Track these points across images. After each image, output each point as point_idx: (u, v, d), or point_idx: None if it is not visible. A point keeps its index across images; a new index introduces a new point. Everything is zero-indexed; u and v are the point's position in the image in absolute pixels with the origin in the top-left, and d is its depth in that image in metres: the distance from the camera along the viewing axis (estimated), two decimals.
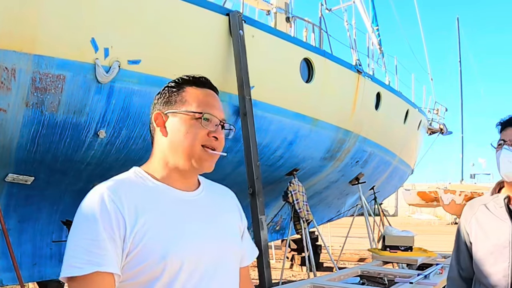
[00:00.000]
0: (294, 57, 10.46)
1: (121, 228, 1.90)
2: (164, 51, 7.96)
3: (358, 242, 20.27)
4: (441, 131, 22.75)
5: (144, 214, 1.96)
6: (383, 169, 16.72)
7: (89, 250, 1.85)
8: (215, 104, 2.22)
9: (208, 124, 2.14)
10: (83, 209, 1.97)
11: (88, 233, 1.88)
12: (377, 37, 17.68)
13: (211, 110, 2.17)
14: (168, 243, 1.95)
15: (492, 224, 3.33)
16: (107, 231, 1.87)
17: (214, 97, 2.26)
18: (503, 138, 3.27)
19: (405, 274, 7.62)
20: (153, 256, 1.92)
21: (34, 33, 6.71)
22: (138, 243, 1.91)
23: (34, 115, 7.03)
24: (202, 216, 2.15)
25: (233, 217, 2.37)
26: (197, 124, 2.13)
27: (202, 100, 2.19)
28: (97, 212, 1.90)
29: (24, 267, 8.64)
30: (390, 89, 15.02)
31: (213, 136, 2.14)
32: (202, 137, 2.12)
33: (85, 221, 1.92)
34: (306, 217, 11.98)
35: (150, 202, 2.03)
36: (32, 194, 8.28)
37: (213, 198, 2.30)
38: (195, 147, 2.11)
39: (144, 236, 1.92)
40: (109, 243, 1.87)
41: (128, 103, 7.69)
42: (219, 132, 2.17)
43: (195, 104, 2.16)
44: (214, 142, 2.15)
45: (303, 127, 10.88)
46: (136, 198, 2.00)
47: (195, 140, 2.11)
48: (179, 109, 2.17)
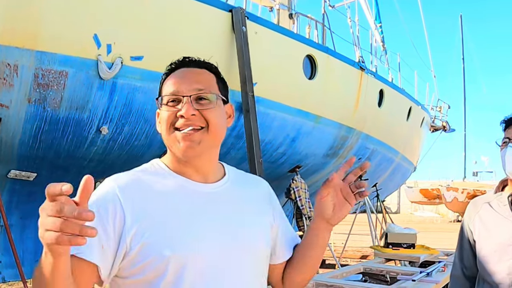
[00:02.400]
0: (297, 54, 10.45)
1: (119, 222, 1.77)
2: (166, 47, 7.95)
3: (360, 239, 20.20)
4: (444, 128, 22.73)
5: (152, 209, 1.84)
6: (386, 166, 16.71)
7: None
8: (182, 80, 1.99)
9: (175, 104, 1.95)
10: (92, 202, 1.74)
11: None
12: (380, 34, 17.67)
13: (176, 88, 1.96)
14: (173, 240, 1.80)
15: (495, 222, 3.31)
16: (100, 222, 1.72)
17: (183, 73, 2.05)
18: (508, 136, 3.24)
19: (408, 271, 7.60)
20: (156, 253, 1.77)
21: (37, 29, 6.70)
22: (141, 240, 1.77)
23: (36, 111, 7.03)
24: (218, 211, 1.96)
25: (260, 210, 2.14)
26: (165, 110, 1.95)
27: (170, 83, 2.00)
28: (96, 201, 1.78)
29: (26, 264, 8.63)
30: (393, 86, 15.01)
31: (180, 116, 1.92)
32: (171, 120, 1.94)
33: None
34: (308, 214, 11.97)
35: (160, 196, 1.90)
36: (35, 190, 8.27)
37: (239, 190, 2.12)
38: (169, 132, 1.95)
39: (149, 232, 1.79)
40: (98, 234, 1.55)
41: (131, 99, 7.68)
42: (184, 108, 1.91)
43: (165, 90, 2.00)
44: (182, 121, 1.92)
45: (305, 124, 10.86)
46: (145, 191, 1.89)
47: (167, 126, 1.94)
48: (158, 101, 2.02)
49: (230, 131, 9.23)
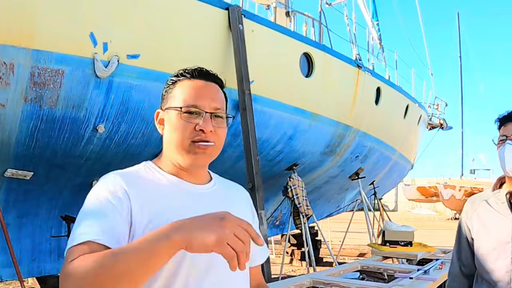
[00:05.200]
0: (294, 52, 10.45)
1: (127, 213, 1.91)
2: (163, 45, 7.95)
3: (358, 237, 20.27)
4: (441, 126, 22.74)
5: (150, 203, 1.97)
6: (383, 164, 16.72)
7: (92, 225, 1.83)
8: (204, 94, 2.12)
9: (194, 117, 2.08)
10: (97, 187, 1.99)
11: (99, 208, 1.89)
12: (377, 32, 17.66)
13: (197, 101, 2.09)
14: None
15: (493, 220, 3.31)
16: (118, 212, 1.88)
17: (204, 88, 2.15)
18: (505, 134, 3.24)
19: (405, 269, 7.61)
20: None
21: (33, 28, 6.69)
22: (141, 231, 1.90)
23: (33, 110, 7.01)
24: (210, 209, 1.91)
25: (244, 215, 2.07)
26: (183, 119, 2.07)
27: (189, 93, 2.11)
28: (108, 192, 1.92)
29: (23, 263, 8.63)
30: (390, 84, 15.00)
31: (200, 129, 2.06)
32: (189, 132, 2.07)
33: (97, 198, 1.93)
34: (305, 212, 11.98)
35: (158, 193, 2.04)
36: (31, 189, 8.26)
37: (226, 193, 2.30)
38: (184, 143, 2.07)
39: (148, 224, 1.91)
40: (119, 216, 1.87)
41: (127, 97, 7.67)
42: (206, 124, 2.06)
43: (182, 98, 2.10)
44: (202, 135, 2.07)
45: (302, 121, 10.86)
46: (143, 188, 2.02)
47: (183, 137, 2.07)
48: (171, 104, 2.13)
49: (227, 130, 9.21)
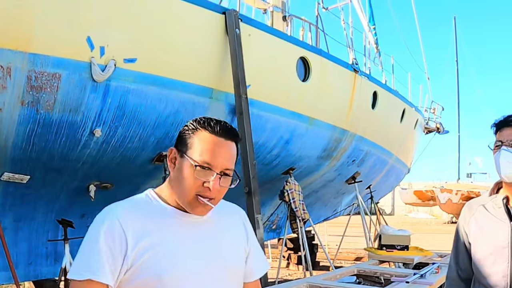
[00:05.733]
0: (290, 56, 10.46)
1: (122, 246, 2.14)
2: (160, 49, 7.95)
3: (354, 241, 20.27)
4: (437, 130, 22.78)
5: (147, 235, 2.18)
6: (380, 168, 16.74)
7: (88, 261, 2.12)
8: (220, 153, 2.24)
9: (205, 173, 2.21)
10: (94, 224, 2.22)
11: (92, 246, 2.14)
12: (373, 36, 17.70)
13: (211, 160, 2.21)
14: (164, 263, 2.16)
15: (491, 225, 3.31)
16: (108, 247, 2.12)
17: (221, 146, 2.26)
18: (501, 139, 3.24)
19: (402, 273, 7.61)
20: (149, 274, 2.14)
21: (30, 32, 6.69)
22: (138, 261, 2.14)
23: (29, 113, 7.01)
24: (204, 239, 2.32)
25: (238, 239, 2.49)
26: (194, 172, 2.21)
27: (207, 149, 2.23)
28: (103, 230, 2.15)
29: (20, 266, 8.63)
30: (386, 88, 15.02)
31: (207, 187, 2.21)
32: (196, 187, 2.22)
33: (92, 236, 2.18)
34: (302, 216, 11.98)
35: (155, 224, 2.24)
36: (28, 193, 8.26)
37: (220, 220, 2.44)
38: (188, 194, 2.23)
39: (144, 255, 2.15)
40: (107, 258, 2.11)
41: (124, 101, 7.67)
42: (214, 183, 2.21)
43: (199, 152, 2.23)
44: (207, 192, 2.22)
45: (299, 126, 10.87)
46: (142, 220, 2.22)
47: (189, 188, 2.22)
48: (186, 152, 2.25)
49: None
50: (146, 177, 9.21)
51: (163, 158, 8.70)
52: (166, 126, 8.34)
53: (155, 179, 9.12)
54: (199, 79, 8.51)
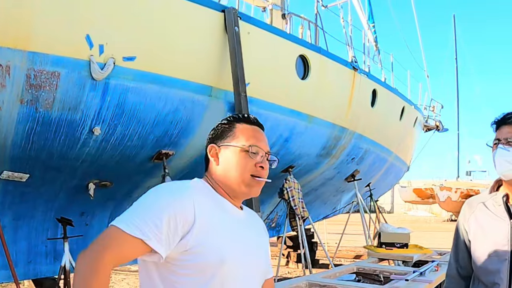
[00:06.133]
0: (289, 54, 10.45)
1: (188, 223, 2.24)
2: (159, 47, 7.95)
3: (354, 239, 20.25)
4: (437, 128, 22.75)
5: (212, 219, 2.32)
6: (379, 166, 16.73)
7: (147, 222, 2.16)
8: (261, 138, 2.55)
9: (255, 156, 2.47)
10: (165, 189, 2.35)
11: (157, 209, 2.21)
12: (373, 34, 17.70)
13: (258, 143, 2.50)
14: (225, 248, 2.30)
15: (490, 223, 3.31)
16: (174, 219, 2.20)
17: (260, 133, 2.59)
18: (498, 137, 3.25)
19: (401, 271, 7.61)
20: (212, 257, 2.26)
21: (29, 30, 6.68)
22: (202, 242, 2.25)
23: (28, 112, 7.01)
24: (249, 234, 2.52)
25: (265, 241, 2.71)
26: (246, 156, 2.46)
27: (251, 135, 2.52)
28: (175, 200, 2.26)
29: (19, 265, 8.64)
30: (386, 86, 15.01)
31: (260, 166, 2.47)
32: (250, 167, 2.45)
33: (161, 198, 2.26)
34: (301, 214, 11.98)
35: (218, 211, 2.39)
36: (27, 191, 8.26)
37: (252, 220, 2.66)
38: (245, 176, 2.45)
39: (208, 238, 2.27)
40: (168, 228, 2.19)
41: (123, 100, 7.67)
42: (265, 163, 2.50)
43: (244, 138, 2.50)
44: (261, 171, 2.48)
45: (298, 124, 10.86)
46: (209, 204, 2.37)
47: (245, 170, 2.45)
48: (230, 142, 2.50)
49: None
50: (145, 175, 9.21)
51: (162, 156, 8.70)
52: (166, 124, 8.34)
53: (155, 177, 9.12)
54: (198, 77, 8.51)
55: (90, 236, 9.68)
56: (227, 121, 2.58)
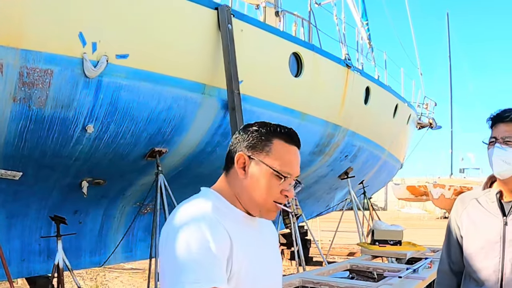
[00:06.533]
0: (283, 51, 10.45)
1: (227, 249, 2.11)
2: (152, 45, 7.94)
3: (347, 236, 20.29)
4: (430, 125, 22.79)
5: (241, 239, 2.20)
6: (372, 163, 16.75)
7: (208, 269, 2.02)
8: (296, 162, 2.31)
9: (285, 183, 2.25)
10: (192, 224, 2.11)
11: (205, 252, 2.04)
12: (366, 32, 17.71)
13: (291, 170, 2.27)
14: (256, 272, 2.23)
15: (483, 219, 3.30)
16: (220, 250, 2.07)
17: (297, 155, 2.33)
18: (495, 136, 3.21)
19: (394, 268, 7.63)
20: (248, 279, 2.18)
21: (22, 28, 6.67)
22: (237, 268, 2.14)
23: (21, 110, 7.00)
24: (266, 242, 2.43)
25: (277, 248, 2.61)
26: (276, 181, 2.24)
27: (287, 159, 2.27)
28: (209, 234, 2.07)
29: (13, 263, 8.62)
30: (379, 83, 15.02)
31: (285, 195, 2.28)
32: (276, 194, 2.25)
33: (197, 238, 2.06)
34: (295, 211, 11.98)
35: (240, 229, 2.25)
36: (21, 189, 8.24)
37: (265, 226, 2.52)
38: (267, 201, 2.26)
39: (243, 260, 2.17)
40: (221, 264, 2.07)
41: (116, 97, 7.66)
42: (291, 191, 2.30)
43: (280, 162, 2.24)
44: (284, 199, 2.29)
45: (292, 121, 10.85)
46: (229, 223, 2.20)
47: (269, 195, 2.25)
48: (264, 159, 2.25)
49: (216, 129, 9.22)
50: (138, 173, 9.20)
51: (155, 154, 8.70)
52: (159, 122, 8.33)
53: (148, 175, 9.11)
54: (191, 75, 8.50)
55: (83, 234, 9.68)
56: (265, 132, 2.30)
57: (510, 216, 3.23)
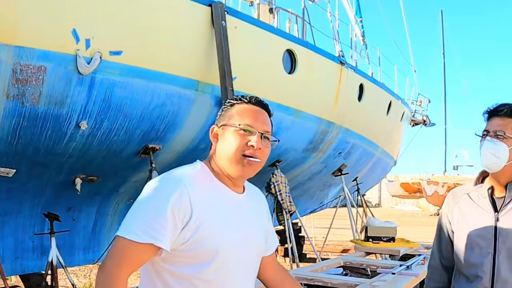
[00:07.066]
0: (277, 48, 10.45)
1: (186, 216, 2.29)
2: (146, 42, 7.93)
3: (341, 233, 20.27)
4: (424, 122, 22.84)
5: (208, 208, 2.37)
6: (366, 160, 16.78)
7: (152, 225, 2.24)
8: (257, 118, 2.53)
9: (247, 135, 2.46)
10: (161, 187, 2.37)
11: (158, 211, 2.26)
12: (360, 29, 17.71)
13: (251, 122, 2.48)
14: (220, 237, 2.36)
15: (475, 215, 3.29)
16: (173, 215, 2.26)
17: (258, 112, 2.57)
18: (488, 129, 3.22)
19: (388, 265, 7.63)
20: (207, 246, 2.33)
21: (15, 24, 6.65)
22: (198, 232, 2.30)
23: (15, 107, 6.98)
24: (246, 218, 2.56)
25: (264, 221, 2.77)
26: (240, 136, 2.45)
27: (246, 114, 2.51)
28: (172, 197, 2.29)
29: (6, 261, 8.61)
30: (373, 80, 15.04)
31: (251, 145, 2.44)
32: (241, 146, 2.44)
33: (159, 199, 2.30)
34: (288, 208, 12.00)
35: (213, 198, 2.44)
36: (14, 187, 8.23)
37: (253, 202, 2.69)
38: (235, 154, 2.44)
39: (202, 227, 2.32)
40: (171, 226, 2.26)
41: (110, 94, 7.65)
42: (257, 142, 2.45)
43: (239, 118, 2.50)
44: (251, 150, 2.44)
45: (285, 118, 10.87)
46: (205, 193, 2.41)
47: (235, 148, 2.44)
48: (227, 122, 2.51)
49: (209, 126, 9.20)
50: (132, 170, 9.19)
51: (149, 150, 8.69)
52: (152, 119, 8.33)
53: (141, 172, 9.11)
54: (185, 72, 8.49)
55: (77, 231, 9.67)
56: (229, 103, 2.61)
57: (502, 211, 3.22)
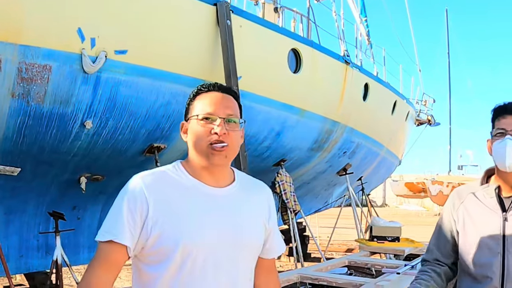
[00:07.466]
0: (282, 48, 10.44)
1: (143, 210, 2.29)
2: (151, 41, 7.93)
3: (345, 232, 20.27)
4: (428, 122, 22.79)
5: (168, 202, 2.34)
6: (371, 159, 16.75)
7: (111, 223, 2.32)
8: (218, 103, 2.45)
9: (209, 122, 2.40)
10: (122, 190, 2.40)
11: (116, 210, 2.34)
12: (365, 28, 17.69)
13: (211, 109, 2.42)
14: (183, 233, 2.29)
15: (482, 215, 3.23)
16: (129, 211, 2.29)
17: (218, 97, 2.48)
18: (504, 127, 3.12)
19: (392, 264, 7.64)
20: (168, 242, 2.28)
21: (20, 23, 6.66)
22: (158, 229, 2.29)
23: (20, 105, 6.99)
24: (222, 212, 2.42)
25: (259, 214, 2.61)
26: (203, 125, 2.40)
27: (207, 103, 2.44)
28: (126, 195, 2.34)
29: (11, 259, 8.62)
30: (378, 80, 15.02)
31: (215, 133, 2.36)
32: (205, 136, 2.38)
33: (117, 200, 2.36)
34: (293, 207, 11.99)
35: (177, 193, 2.39)
36: (19, 185, 8.24)
37: (244, 194, 2.57)
38: (202, 146, 2.39)
39: (164, 223, 2.29)
40: (127, 221, 2.29)
41: (115, 93, 7.65)
42: (219, 128, 2.37)
43: (200, 108, 2.44)
44: (215, 137, 2.37)
45: (290, 117, 10.86)
46: (165, 188, 2.38)
47: (200, 139, 2.39)
48: (190, 115, 2.48)
49: None
50: (137, 169, 9.11)
51: (154, 149, 8.69)
52: (157, 118, 8.33)
53: None
54: (190, 71, 8.49)
55: (81, 230, 9.67)
56: (191, 96, 2.56)
57: (510, 211, 3.17)
